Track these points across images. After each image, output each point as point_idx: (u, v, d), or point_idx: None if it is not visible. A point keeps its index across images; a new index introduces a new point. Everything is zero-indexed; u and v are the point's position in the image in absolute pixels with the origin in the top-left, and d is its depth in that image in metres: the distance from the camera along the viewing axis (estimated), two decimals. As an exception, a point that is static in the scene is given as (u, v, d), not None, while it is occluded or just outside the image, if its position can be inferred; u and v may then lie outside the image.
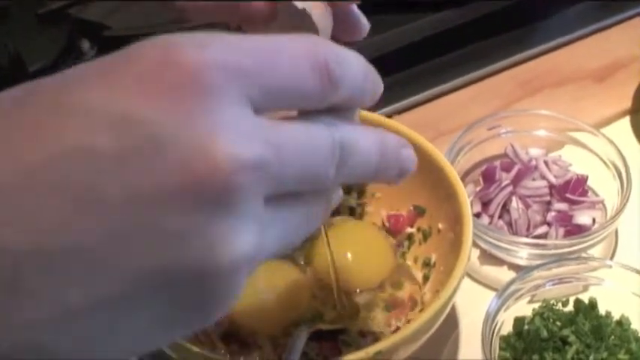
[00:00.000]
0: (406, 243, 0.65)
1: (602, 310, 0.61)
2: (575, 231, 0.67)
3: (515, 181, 0.69)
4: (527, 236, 0.67)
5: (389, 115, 0.75)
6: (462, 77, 0.82)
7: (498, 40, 0.86)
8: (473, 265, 0.68)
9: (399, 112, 0.74)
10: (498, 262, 0.68)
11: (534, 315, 0.61)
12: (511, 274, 0.66)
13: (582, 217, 0.68)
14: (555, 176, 0.70)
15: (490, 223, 0.68)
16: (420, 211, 0.64)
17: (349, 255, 0.63)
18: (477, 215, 0.68)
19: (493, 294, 0.60)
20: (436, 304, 0.52)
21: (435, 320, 0.53)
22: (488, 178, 0.71)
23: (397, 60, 0.79)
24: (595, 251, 0.68)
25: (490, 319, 0.58)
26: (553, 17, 0.90)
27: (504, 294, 0.60)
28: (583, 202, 0.69)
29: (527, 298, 0.62)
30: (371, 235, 0.66)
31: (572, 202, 0.69)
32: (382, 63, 0.37)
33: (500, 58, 0.84)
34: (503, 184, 0.69)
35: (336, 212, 0.66)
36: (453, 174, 0.60)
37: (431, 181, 0.62)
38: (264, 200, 0.30)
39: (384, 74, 0.35)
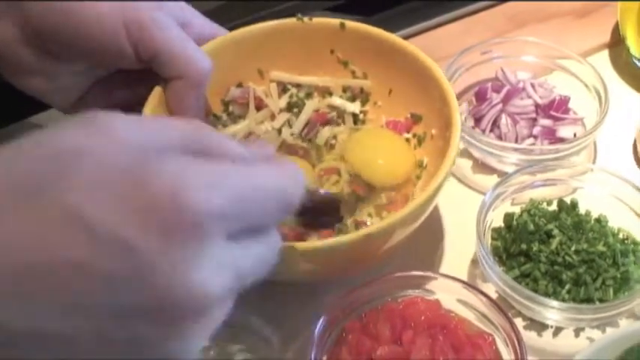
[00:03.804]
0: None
1: (582, 210, 0.68)
2: (559, 143, 0.73)
3: (505, 100, 0.76)
4: (515, 147, 0.73)
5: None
6: (455, 11, 0.89)
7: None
8: (466, 173, 0.75)
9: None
10: (489, 170, 0.75)
11: (522, 212, 0.67)
12: (501, 181, 0.72)
13: (565, 131, 0.75)
14: (540, 97, 0.77)
15: (482, 136, 0.74)
16: (416, 119, 0.70)
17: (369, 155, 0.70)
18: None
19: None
20: (421, 197, 0.58)
21: (421, 211, 0.59)
22: (481, 97, 0.77)
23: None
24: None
25: (484, 212, 0.65)
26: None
27: (496, 191, 0.66)
28: (566, 118, 0.76)
29: (514, 198, 0.68)
30: (393, 140, 0.71)
31: (555, 119, 0.75)
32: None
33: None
34: (494, 103, 0.76)
35: (341, 119, 0.73)
36: (447, 84, 0.66)
37: (428, 92, 0.68)
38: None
39: (388, 5, 0.40)
